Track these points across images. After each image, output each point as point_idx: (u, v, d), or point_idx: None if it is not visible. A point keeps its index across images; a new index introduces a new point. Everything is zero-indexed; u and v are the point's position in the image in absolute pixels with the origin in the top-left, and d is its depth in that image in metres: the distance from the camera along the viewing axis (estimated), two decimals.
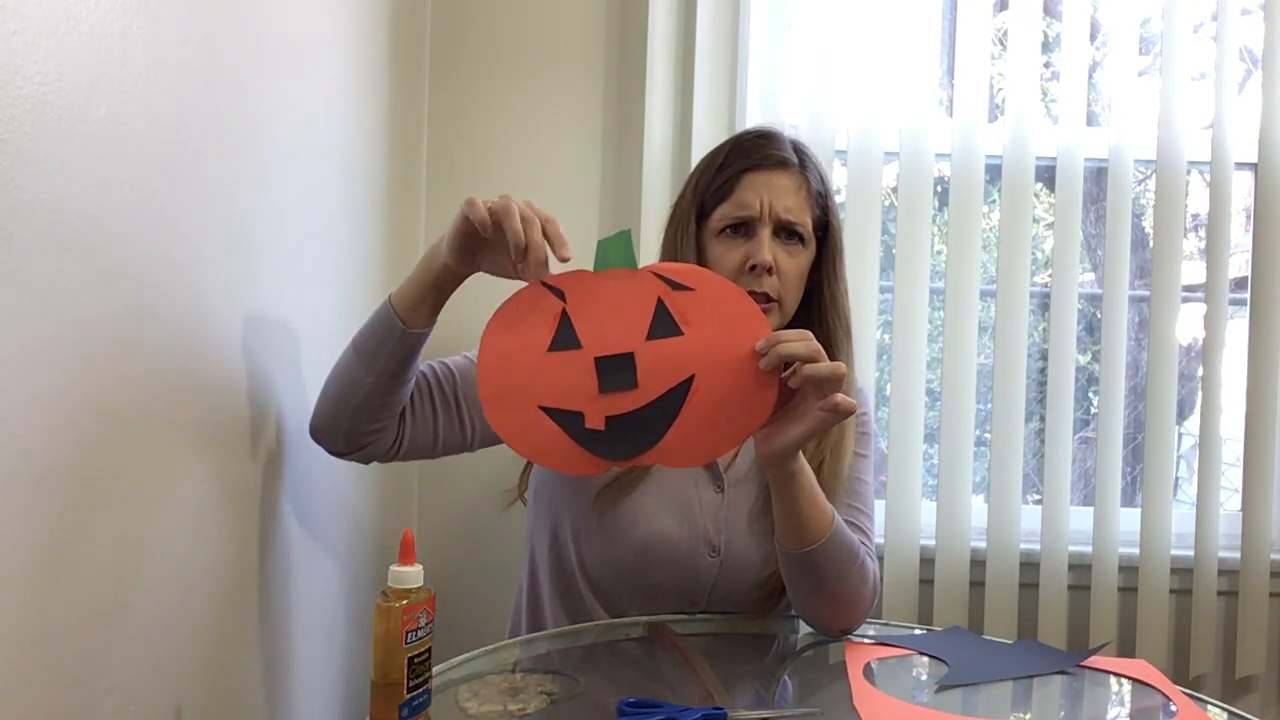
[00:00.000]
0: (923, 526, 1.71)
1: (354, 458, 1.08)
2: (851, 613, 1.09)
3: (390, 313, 1.00)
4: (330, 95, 1.24)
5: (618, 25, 1.68)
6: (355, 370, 1.02)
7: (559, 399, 0.91)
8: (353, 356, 1.03)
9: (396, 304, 1.00)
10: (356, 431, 1.04)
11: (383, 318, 1.01)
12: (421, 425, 1.09)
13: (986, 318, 1.76)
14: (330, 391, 1.04)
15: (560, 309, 0.92)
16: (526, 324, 0.92)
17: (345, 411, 1.03)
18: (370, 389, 1.02)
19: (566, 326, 0.92)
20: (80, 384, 0.73)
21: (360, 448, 1.06)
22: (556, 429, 0.91)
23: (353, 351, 1.03)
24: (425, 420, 1.09)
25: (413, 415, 1.08)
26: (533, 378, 0.91)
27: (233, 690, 1.02)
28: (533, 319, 0.92)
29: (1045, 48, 1.82)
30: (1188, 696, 0.98)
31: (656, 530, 1.14)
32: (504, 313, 0.93)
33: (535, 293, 0.92)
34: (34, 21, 0.65)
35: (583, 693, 0.96)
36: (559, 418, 0.91)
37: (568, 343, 0.91)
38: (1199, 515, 1.68)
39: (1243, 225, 1.87)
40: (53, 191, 0.68)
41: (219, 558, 0.98)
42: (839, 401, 0.92)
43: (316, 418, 1.06)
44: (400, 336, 0.99)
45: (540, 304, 0.92)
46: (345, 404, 1.03)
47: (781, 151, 1.18)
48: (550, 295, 0.92)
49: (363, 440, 1.05)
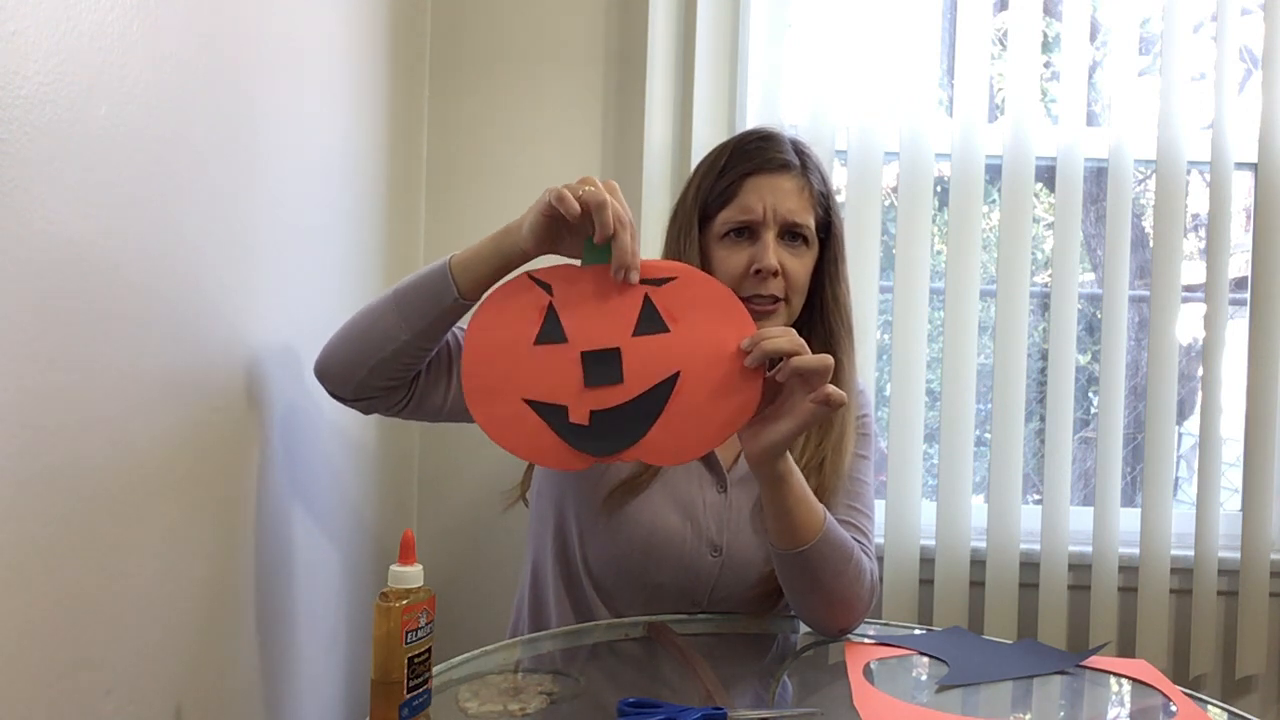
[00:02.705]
0: (923, 526, 1.71)
1: (356, 405, 1.06)
2: (849, 613, 1.09)
3: (448, 279, 0.97)
4: (330, 95, 1.25)
5: (618, 25, 1.68)
6: (392, 325, 0.99)
7: (544, 393, 0.91)
8: (393, 311, 1.00)
9: (457, 271, 0.98)
10: (370, 384, 1.02)
11: (437, 281, 0.98)
12: (433, 389, 1.07)
13: (986, 318, 1.76)
14: (354, 338, 1.02)
15: (547, 302, 0.92)
16: (512, 317, 0.92)
17: (367, 361, 1.01)
18: (401, 347, 1.00)
19: (553, 320, 0.92)
20: (80, 383, 0.73)
21: (366, 398, 1.04)
22: (540, 422, 0.91)
23: (393, 305, 1.00)
24: (438, 384, 1.07)
25: (427, 377, 1.06)
26: (518, 371, 0.91)
27: (233, 690, 1.02)
28: (519, 312, 0.92)
29: (1045, 48, 1.82)
30: (1188, 696, 0.98)
31: (659, 529, 1.14)
32: (489, 305, 0.93)
33: (522, 285, 0.93)
34: (34, 21, 0.65)
35: (583, 693, 0.96)
36: (543, 411, 0.91)
37: (553, 336, 0.92)
38: (1199, 515, 1.68)
39: (1243, 225, 1.87)
40: (52, 192, 0.68)
41: (219, 557, 0.98)
42: (829, 393, 0.92)
43: (330, 360, 1.03)
44: (452, 304, 0.98)
45: (526, 297, 0.92)
46: (370, 355, 1.00)
47: (783, 154, 1.18)
48: (537, 288, 0.92)
49: (372, 392, 1.04)
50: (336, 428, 1.31)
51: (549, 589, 1.21)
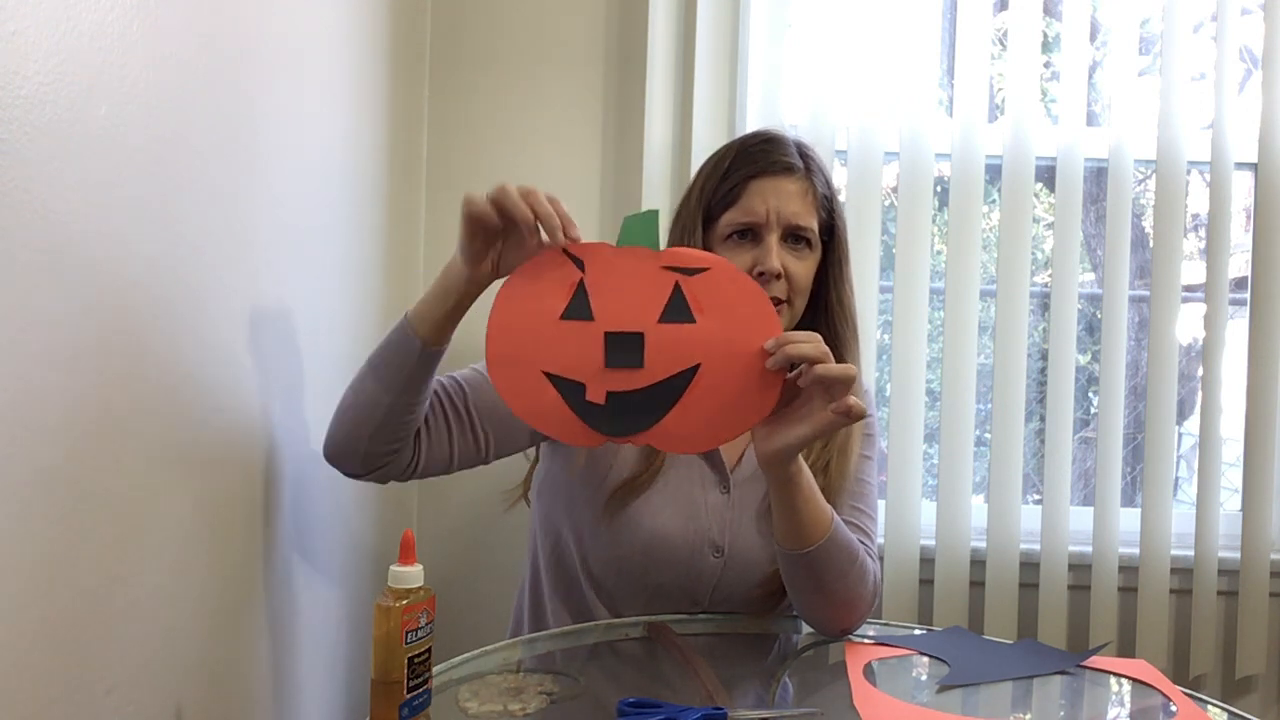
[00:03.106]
0: (923, 526, 1.71)
1: (371, 478, 1.07)
2: (851, 613, 1.09)
3: (409, 331, 0.99)
4: (330, 95, 1.25)
5: (618, 25, 1.68)
6: (373, 391, 1.01)
7: (564, 367, 0.92)
8: (370, 377, 1.02)
9: (415, 322, 0.99)
10: (374, 452, 1.04)
11: (401, 337, 1.00)
12: (437, 442, 1.08)
13: (986, 318, 1.76)
14: (347, 414, 1.04)
15: (578, 278, 0.92)
16: (542, 289, 0.92)
17: (364, 433, 1.02)
18: (389, 409, 1.01)
19: (581, 297, 0.92)
20: (80, 384, 0.73)
21: (378, 468, 1.05)
22: (556, 396, 0.92)
23: (369, 372, 1.02)
24: (440, 436, 1.09)
25: (427, 433, 1.07)
26: (541, 342, 0.92)
27: (233, 690, 1.02)
28: (549, 284, 0.92)
29: (1045, 48, 1.82)
30: (1188, 696, 0.98)
31: (661, 530, 1.14)
32: (521, 275, 0.93)
33: (555, 258, 0.92)
34: (34, 21, 0.65)
35: (583, 693, 0.96)
36: (561, 386, 0.92)
37: (580, 313, 0.92)
38: (1199, 515, 1.68)
39: (1243, 225, 1.87)
40: (52, 192, 0.68)
41: (219, 558, 0.98)
42: (851, 405, 0.92)
43: (333, 441, 1.05)
44: (420, 354, 0.99)
45: (558, 271, 0.92)
46: (363, 425, 1.02)
47: (787, 157, 1.18)
48: (569, 263, 0.92)
49: (380, 460, 1.05)
50: None
51: (550, 588, 1.21)
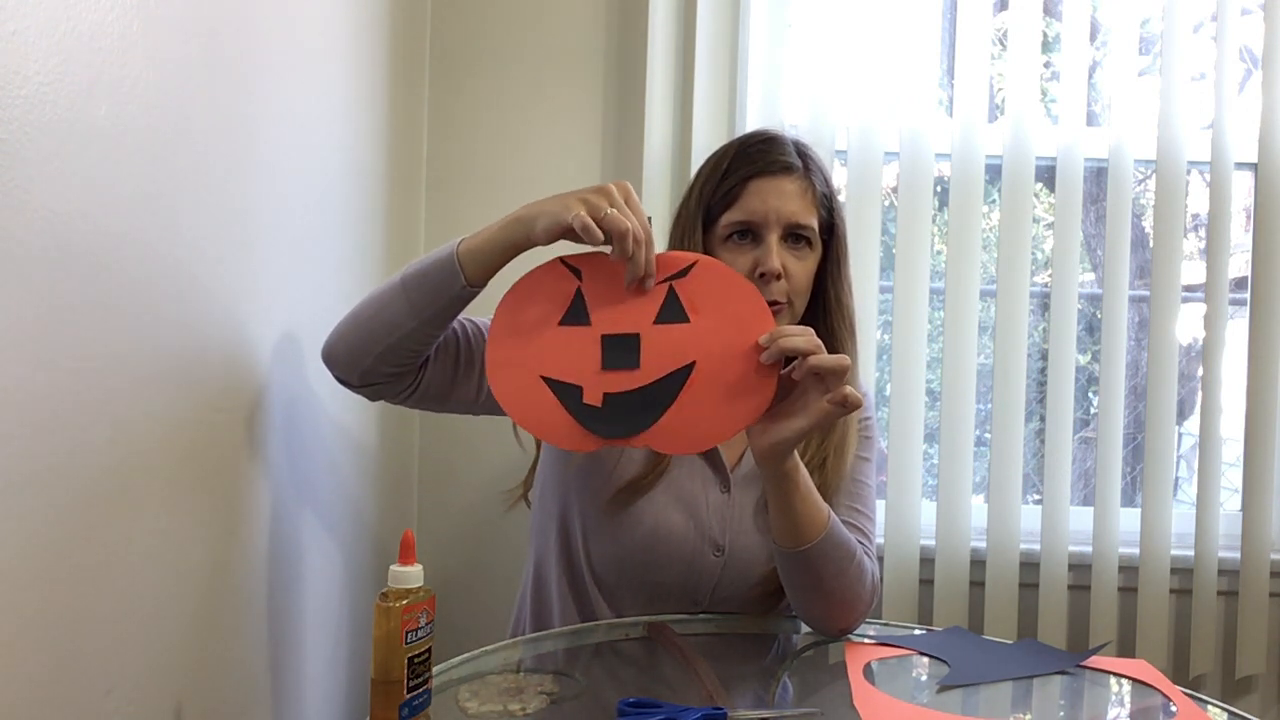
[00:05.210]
0: (923, 526, 1.71)
1: (362, 391, 1.06)
2: (850, 612, 1.09)
3: (455, 267, 0.97)
4: (330, 95, 1.25)
5: (618, 26, 1.68)
6: (399, 313, 0.99)
7: (561, 371, 0.94)
8: (401, 298, 0.99)
9: (465, 258, 0.97)
10: (376, 370, 1.02)
11: (445, 268, 0.97)
12: (439, 377, 1.07)
13: (986, 318, 1.76)
14: (361, 324, 1.02)
15: (576, 287, 0.95)
16: (541, 298, 0.95)
17: (374, 349, 1.01)
18: (408, 334, 1.00)
19: (579, 303, 0.95)
20: (80, 383, 0.73)
21: (372, 384, 1.04)
22: (554, 400, 0.94)
23: (401, 292, 0.99)
24: (444, 373, 1.07)
25: (434, 365, 1.06)
26: (539, 349, 0.94)
27: (233, 690, 1.02)
28: (548, 294, 0.96)
29: (1045, 48, 1.82)
30: (1188, 696, 0.98)
31: (662, 528, 1.14)
32: (521, 286, 0.96)
33: (554, 270, 0.96)
34: (34, 21, 0.65)
35: (583, 693, 0.96)
36: (558, 389, 0.94)
37: (578, 319, 0.95)
38: (1199, 515, 1.68)
39: (1243, 225, 1.87)
40: (53, 191, 0.68)
41: (219, 557, 0.98)
42: (847, 394, 0.92)
43: (338, 346, 1.03)
44: (459, 291, 0.98)
45: (558, 281, 0.96)
46: (376, 342, 1.00)
47: (786, 156, 1.17)
48: (568, 273, 0.96)
49: (378, 378, 1.03)
50: (338, 426, 1.31)
51: (551, 588, 1.21)
